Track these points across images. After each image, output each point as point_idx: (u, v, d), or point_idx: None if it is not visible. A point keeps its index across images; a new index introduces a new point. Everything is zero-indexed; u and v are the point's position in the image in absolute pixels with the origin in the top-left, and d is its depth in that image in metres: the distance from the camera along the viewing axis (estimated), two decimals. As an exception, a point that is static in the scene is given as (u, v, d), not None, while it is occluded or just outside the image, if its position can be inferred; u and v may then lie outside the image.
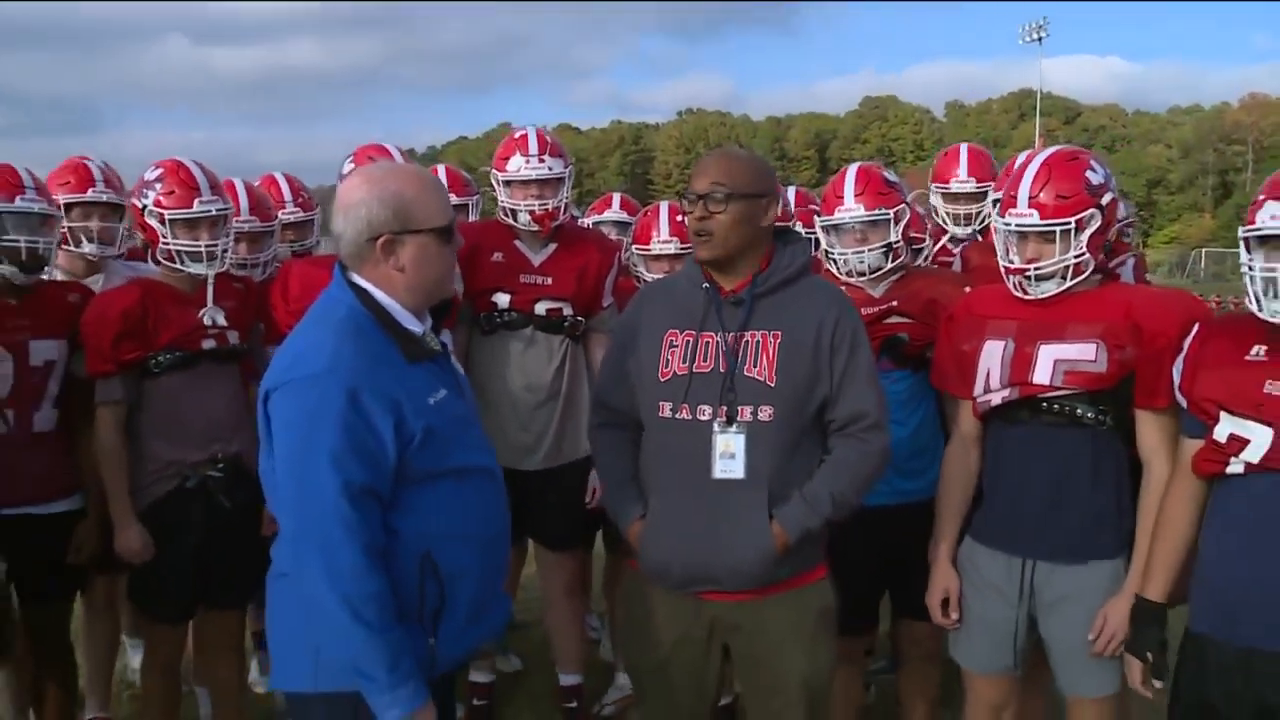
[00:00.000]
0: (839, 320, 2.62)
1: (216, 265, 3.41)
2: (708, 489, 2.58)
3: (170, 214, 3.35)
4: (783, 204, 3.97)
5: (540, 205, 3.82)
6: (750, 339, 2.61)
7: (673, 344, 2.66)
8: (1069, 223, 2.75)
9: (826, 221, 3.46)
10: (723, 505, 2.57)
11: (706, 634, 2.70)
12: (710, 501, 2.58)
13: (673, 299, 2.76)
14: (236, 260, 3.74)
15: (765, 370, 2.58)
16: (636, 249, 4.18)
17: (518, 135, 3.95)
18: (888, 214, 3.38)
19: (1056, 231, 2.76)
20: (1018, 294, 2.87)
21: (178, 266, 3.39)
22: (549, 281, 3.86)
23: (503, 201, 3.91)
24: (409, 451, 2.21)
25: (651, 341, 2.70)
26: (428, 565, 2.24)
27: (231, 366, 3.54)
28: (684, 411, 2.61)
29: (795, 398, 2.58)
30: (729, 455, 2.58)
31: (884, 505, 3.21)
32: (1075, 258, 2.77)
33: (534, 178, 3.83)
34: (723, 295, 2.67)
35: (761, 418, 2.57)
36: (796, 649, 2.66)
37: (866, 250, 3.39)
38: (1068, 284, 2.79)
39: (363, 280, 2.31)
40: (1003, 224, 2.87)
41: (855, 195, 3.41)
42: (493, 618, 2.46)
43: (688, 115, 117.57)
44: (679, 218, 4.10)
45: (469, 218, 4.65)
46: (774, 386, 2.57)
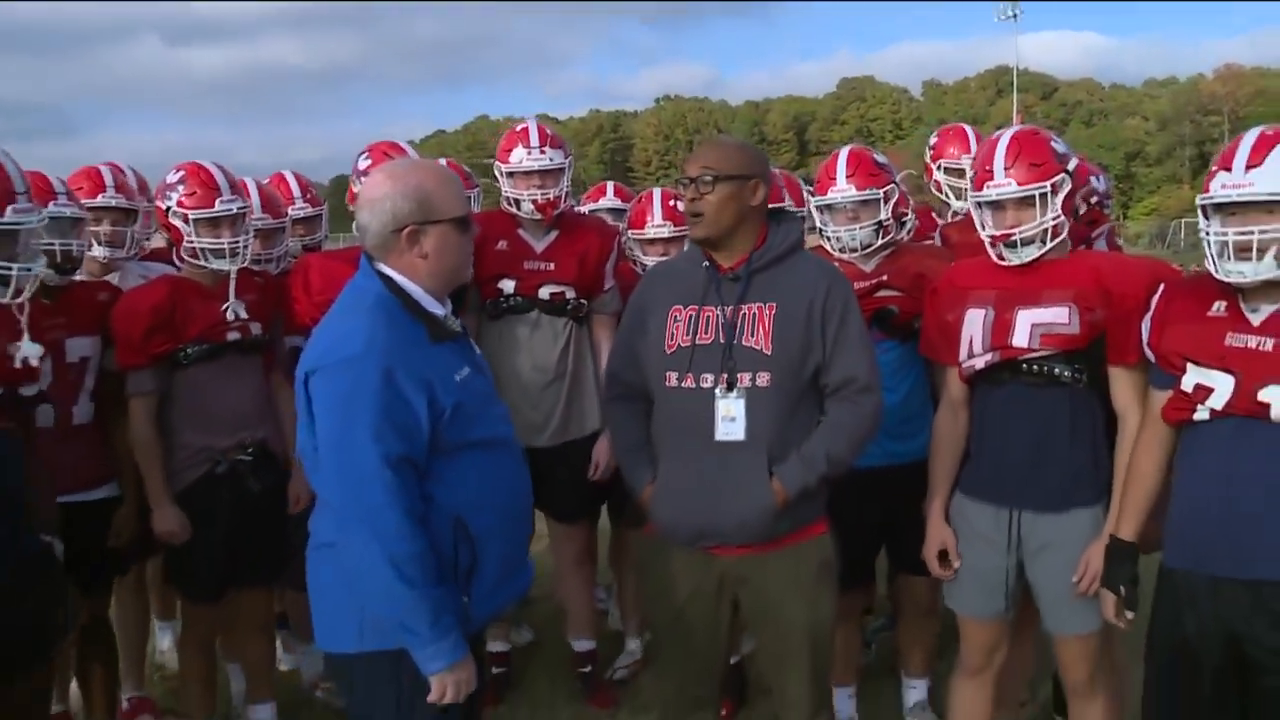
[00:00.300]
0: (829, 291, 2.81)
1: (238, 261, 3.59)
2: (711, 451, 2.78)
3: (193, 214, 3.52)
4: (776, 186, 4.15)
5: (542, 195, 3.99)
6: (747, 311, 2.81)
7: (676, 319, 2.86)
8: (1045, 186, 2.96)
9: (820, 201, 3.67)
10: (726, 465, 2.77)
11: (716, 587, 2.91)
12: (714, 462, 2.78)
13: (676, 278, 2.97)
14: (251, 256, 3.91)
15: (761, 340, 2.78)
16: (632, 234, 4.37)
17: (519, 129, 4.12)
18: (878, 194, 3.59)
19: (1035, 196, 2.96)
20: (1000, 262, 3.06)
21: (202, 263, 3.57)
22: (552, 267, 4.03)
23: (506, 192, 4.07)
24: (440, 425, 2.39)
25: (658, 318, 2.89)
26: (460, 529, 2.42)
27: (255, 357, 3.72)
28: (688, 380, 2.81)
29: (790, 364, 2.77)
30: (730, 419, 2.77)
31: (877, 467, 3.43)
32: (1053, 220, 2.97)
33: (536, 168, 3.99)
34: (721, 272, 2.86)
35: (759, 383, 2.76)
36: (799, 599, 2.86)
37: (858, 228, 3.59)
38: (1047, 247, 2.99)
39: (388, 268, 2.48)
40: (983, 197, 3.06)
41: (847, 176, 3.61)
42: (519, 578, 2.65)
43: (666, 102, 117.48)
44: (671, 202, 4.29)
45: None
46: (770, 354, 2.77)
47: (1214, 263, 2.54)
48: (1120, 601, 2.85)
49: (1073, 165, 3.07)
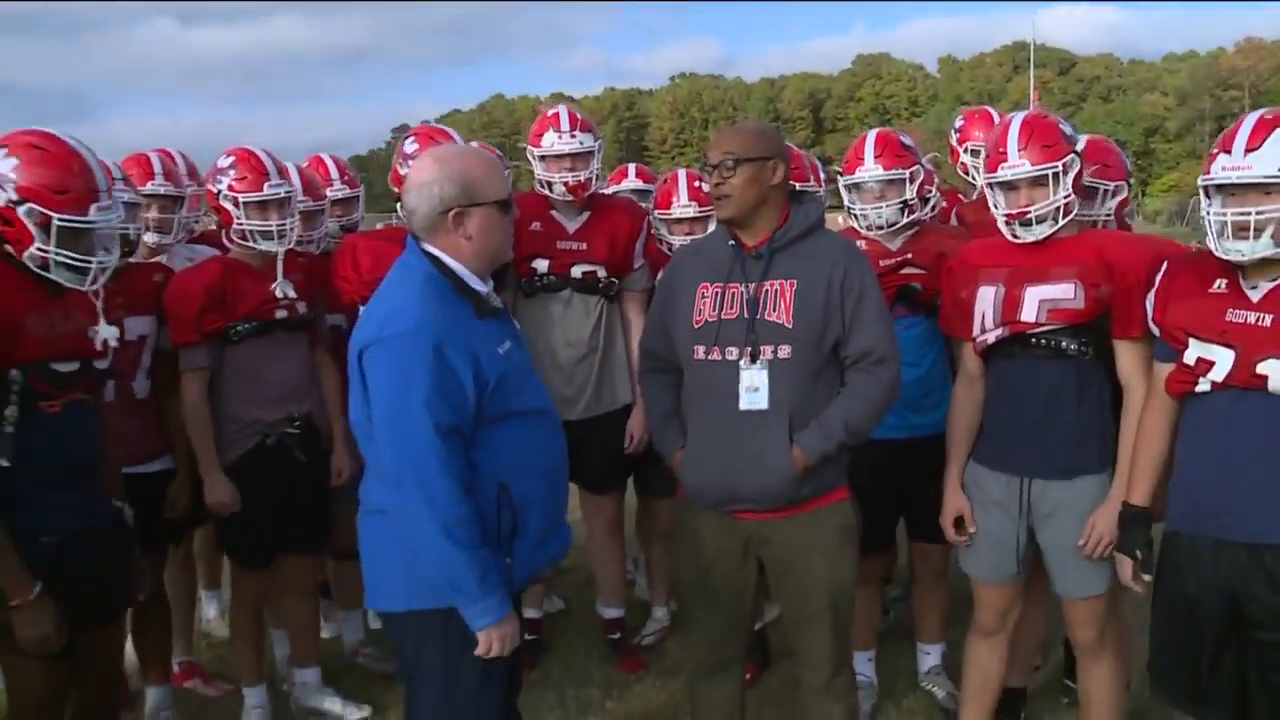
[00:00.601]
0: (848, 268, 2.96)
1: (285, 242, 3.76)
2: (736, 419, 2.94)
3: (243, 197, 3.70)
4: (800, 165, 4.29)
5: (574, 177, 4.15)
6: (770, 287, 2.96)
7: (704, 295, 3.02)
8: (1057, 166, 3.11)
9: (848, 180, 3.82)
10: (749, 433, 2.93)
11: (742, 549, 3.07)
12: (738, 430, 2.94)
13: (703, 256, 3.12)
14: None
15: (783, 314, 2.93)
16: (658, 214, 4.52)
17: (550, 113, 4.27)
18: (903, 174, 3.74)
19: (1048, 175, 3.11)
20: (1014, 240, 3.20)
21: (251, 245, 3.74)
22: (584, 247, 4.19)
23: (538, 174, 4.23)
24: (485, 396, 2.55)
25: (687, 294, 3.05)
26: (503, 494, 2.59)
27: (300, 334, 3.90)
28: (715, 353, 2.97)
29: (810, 337, 2.93)
30: (753, 389, 2.93)
31: (899, 439, 3.63)
32: (1064, 198, 3.12)
33: (567, 151, 4.14)
34: (745, 251, 3.01)
35: (781, 355, 2.92)
36: (821, 560, 3.02)
37: (884, 206, 3.74)
38: (1059, 224, 3.14)
39: (434, 248, 2.64)
40: (997, 177, 3.20)
41: (875, 157, 3.77)
42: (558, 541, 2.81)
43: (681, 80, 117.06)
44: (696, 183, 4.45)
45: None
46: (791, 328, 2.92)
47: (1214, 241, 2.67)
48: (1137, 565, 2.99)
49: (1080, 146, 3.22)
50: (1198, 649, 2.77)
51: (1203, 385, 2.72)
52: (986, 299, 3.24)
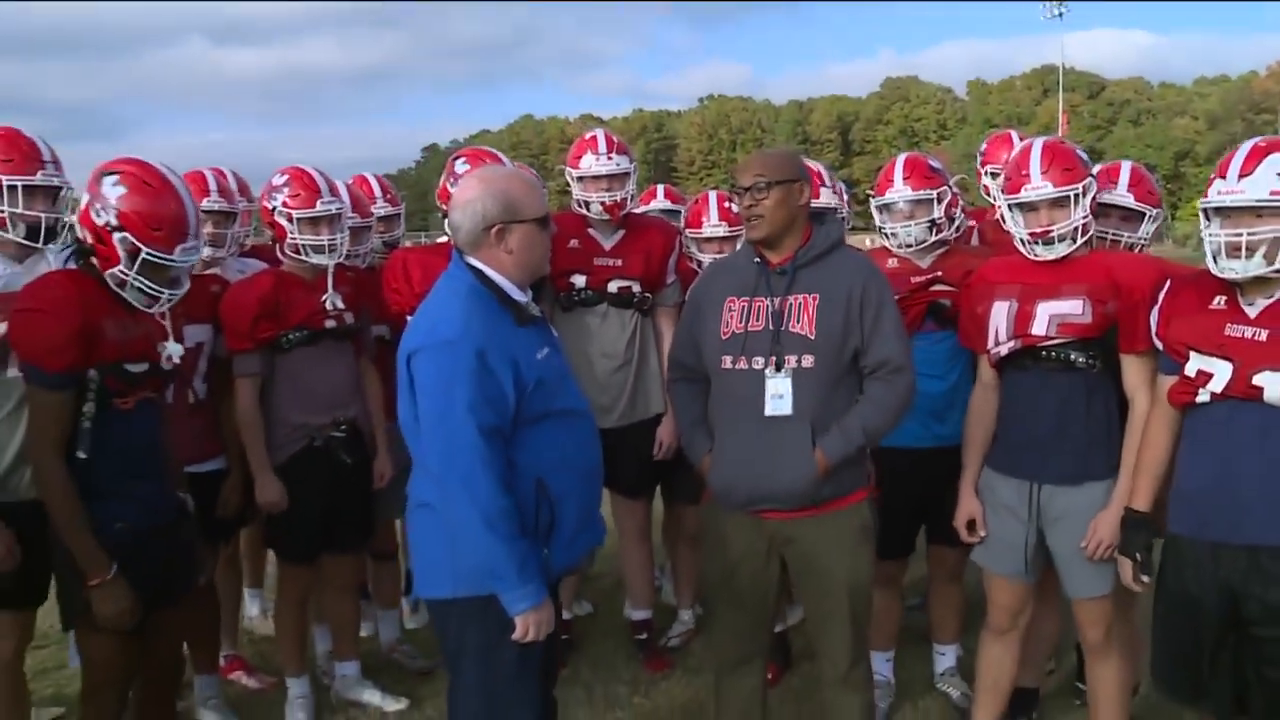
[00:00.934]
0: (866, 284, 3.14)
1: (335, 256, 3.98)
2: (762, 425, 3.12)
3: (297, 213, 3.92)
4: (824, 185, 4.49)
5: (610, 197, 4.35)
6: (794, 301, 3.14)
7: (731, 309, 3.20)
8: (1077, 188, 3.31)
9: (879, 201, 4.01)
10: (774, 437, 3.11)
11: (766, 548, 3.25)
12: (764, 435, 3.12)
13: (731, 273, 3.31)
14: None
15: (806, 326, 3.11)
16: (690, 233, 4.72)
17: (589, 137, 4.47)
18: (931, 194, 3.92)
19: (1069, 196, 3.30)
20: (1033, 257, 3.38)
21: (303, 258, 3.96)
22: (620, 263, 4.39)
23: (576, 194, 4.43)
24: (524, 398, 2.74)
25: (714, 308, 3.24)
26: (541, 489, 2.78)
27: (347, 343, 4.11)
28: (741, 362, 3.15)
29: (831, 348, 3.10)
30: (778, 396, 3.11)
31: (925, 448, 3.83)
32: (1082, 218, 3.32)
33: (604, 173, 4.35)
34: (770, 267, 3.20)
35: (805, 365, 3.10)
36: (841, 558, 3.19)
37: (913, 224, 3.92)
38: (1077, 243, 3.33)
39: (478, 262, 2.84)
40: (1019, 199, 3.38)
41: (904, 179, 3.96)
42: (592, 533, 3.00)
43: (710, 102, 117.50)
44: (726, 204, 4.65)
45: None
46: (814, 339, 3.10)
47: (1213, 260, 2.82)
48: (1137, 567, 3.14)
49: (1096, 170, 3.42)
50: (1198, 646, 2.91)
51: (1202, 396, 2.86)
52: (1001, 313, 3.42)
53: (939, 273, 3.95)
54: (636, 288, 4.41)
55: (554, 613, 2.84)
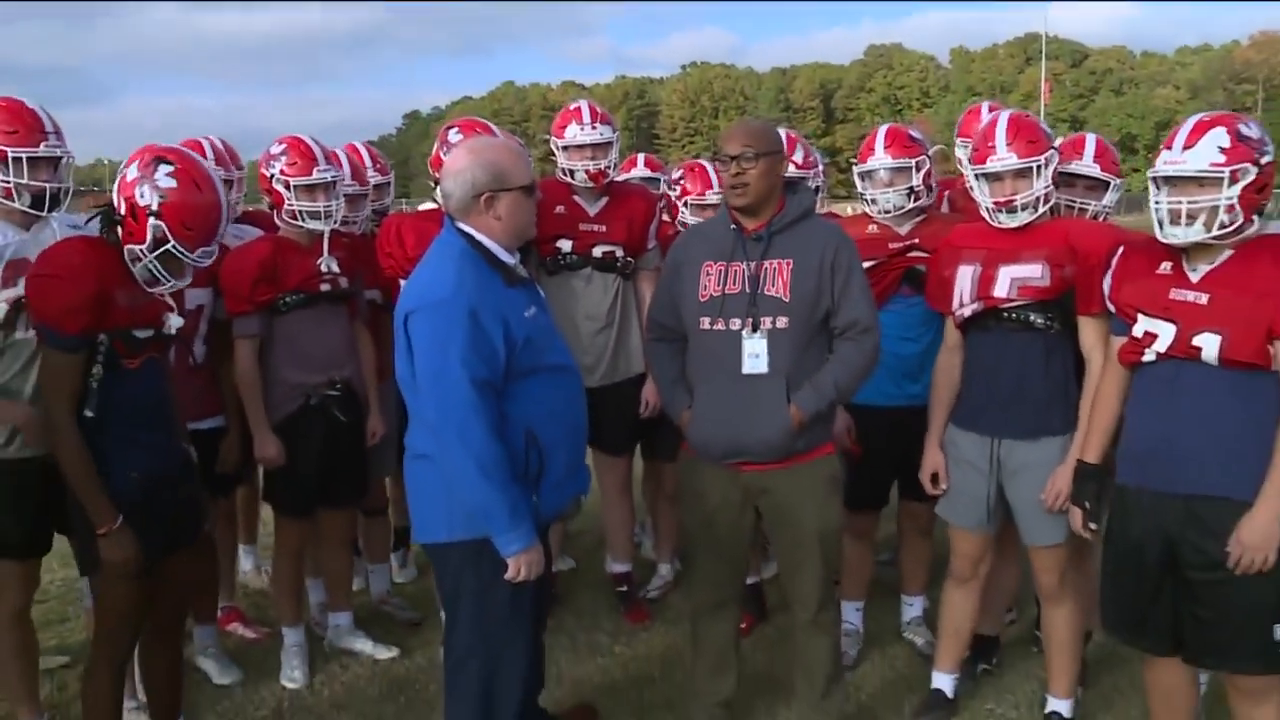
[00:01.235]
0: (837, 250, 3.32)
1: (330, 222, 4.13)
2: (739, 382, 3.30)
3: (294, 181, 4.06)
4: (804, 153, 4.66)
5: (594, 165, 4.50)
6: (769, 266, 3.32)
7: (709, 273, 3.37)
8: (1040, 160, 3.48)
9: (861, 169, 4.20)
10: (751, 394, 3.29)
11: (741, 498, 3.45)
12: (741, 391, 3.30)
13: (707, 238, 3.48)
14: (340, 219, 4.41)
15: (781, 289, 3.29)
16: (691, 199, 4.86)
17: (573, 107, 4.61)
18: (909, 163, 4.10)
19: (1032, 167, 3.48)
20: (996, 225, 3.56)
21: (299, 224, 4.11)
22: (603, 229, 4.55)
23: (562, 163, 4.58)
24: (514, 353, 2.93)
25: (693, 271, 3.41)
26: (531, 439, 2.97)
27: (341, 306, 4.26)
28: (719, 324, 3.33)
29: (804, 310, 3.29)
30: (755, 355, 3.29)
31: (899, 407, 4.04)
32: (1044, 189, 3.50)
33: (588, 142, 4.49)
34: (746, 234, 3.37)
35: (779, 326, 3.28)
36: (811, 506, 3.39)
37: (892, 191, 4.11)
38: (1038, 212, 3.51)
39: (468, 227, 3.03)
40: (984, 169, 3.55)
41: (884, 148, 4.14)
42: (578, 480, 3.20)
43: (692, 69, 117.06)
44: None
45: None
46: (788, 301, 3.28)
47: (1160, 226, 2.99)
48: (1085, 514, 3.35)
49: (1058, 143, 3.60)
50: (1141, 589, 3.12)
51: (1149, 355, 3.05)
52: (965, 277, 3.60)
53: (916, 240, 4.12)
54: (619, 252, 4.57)
55: (543, 555, 3.04)
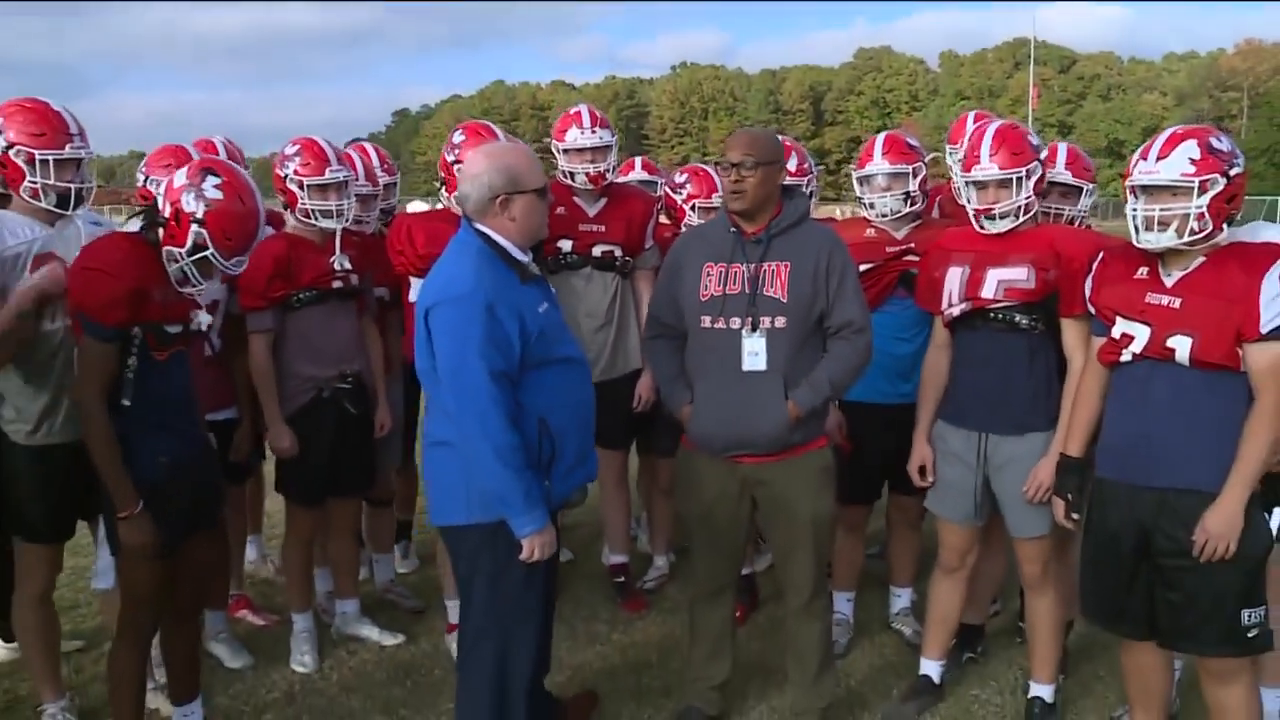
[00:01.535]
0: (832, 253, 3.49)
1: (342, 220, 4.27)
2: (739, 379, 3.46)
3: (307, 180, 4.20)
4: (799, 160, 4.78)
5: (594, 168, 4.64)
6: (767, 268, 3.47)
7: (709, 274, 3.53)
8: (1021, 172, 3.64)
9: (860, 174, 4.36)
10: (750, 390, 3.45)
11: (738, 490, 3.61)
12: (741, 388, 3.46)
13: (707, 240, 3.63)
14: (352, 218, 4.53)
15: (779, 290, 3.45)
16: (699, 202, 4.99)
17: (574, 112, 4.76)
18: (906, 169, 4.26)
19: (1013, 179, 3.64)
20: (980, 230, 3.73)
21: (312, 222, 4.25)
22: (603, 229, 4.69)
23: (562, 165, 4.72)
24: (528, 346, 3.09)
25: (693, 272, 3.56)
26: (543, 427, 3.13)
27: (351, 303, 4.40)
28: (720, 322, 3.48)
29: (801, 310, 3.45)
30: (754, 353, 3.45)
31: (892, 404, 4.19)
32: (1025, 199, 3.66)
33: (588, 145, 4.64)
34: (745, 237, 3.53)
35: (777, 325, 3.44)
36: (806, 496, 3.55)
37: (889, 195, 4.27)
38: (1019, 220, 3.67)
39: (484, 227, 3.18)
40: (970, 177, 3.73)
41: (883, 154, 4.30)
42: (587, 466, 3.36)
43: (682, 70, 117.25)
44: None
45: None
46: (786, 302, 3.44)
47: (1136, 233, 3.16)
48: (1067, 505, 3.53)
49: (1044, 155, 3.76)
50: (1118, 577, 3.29)
51: (1126, 356, 3.21)
52: (954, 278, 3.76)
53: (912, 244, 4.28)
54: (618, 252, 4.72)
55: (555, 537, 3.20)
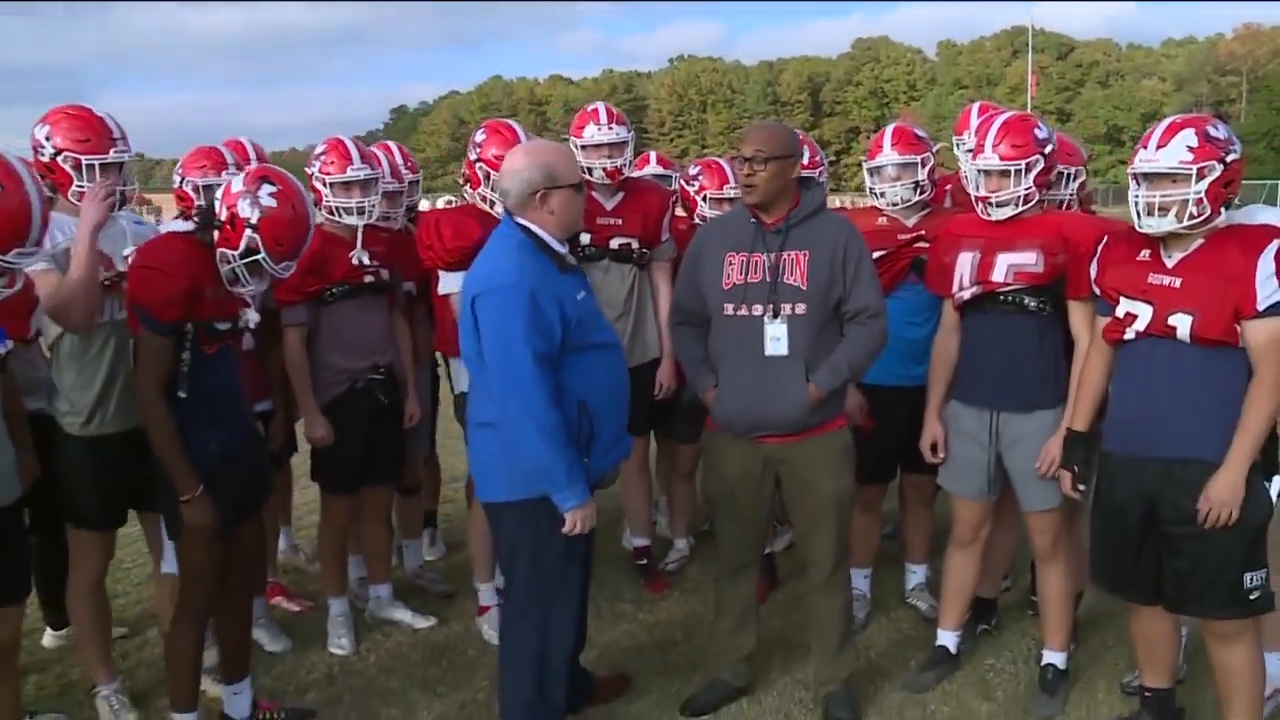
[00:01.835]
0: (848, 242, 3.64)
1: (365, 217, 4.41)
2: (761, 363, 3.62)
3: (331, 178, 4.37)
4: (810, 153, 4.91)
5: (611, 163, 4.77)
6: (787, 257, 3.63)
7: (731, 263, 3.69)
8: (1020, 164, 3.78)
9: (870, 165, 4.52)
10: (773, 374, 3.62)
11: (761, 468, 3.77)
12: (764, 372, 3.62)
13: (728, 230, 3.79)
14: (379, 215, 4.65)
15: (799, 278, 3.61)
16: (711, 193, 5.16)
17: (591, 109, 4.89)
18: (915, 159, 4.42)
19: (1011, 170, 3.79)
20: (984, 217, 3.88)
21: (337, 219, 4.41)
22: (620, 223, 4.83)
23: (580, 161, 4.82)
24: (568, 331, 3.27)
25: (715, 261, 3.72)
26: (582, 408, 3.31)
27: (381, 297, 4.56)
28: (742, 310, 3.64)
29: (820, 297, 3.60)
30: (776, 339, 3.61)
31: (906, 386, 4.34)
32: (1024, 190, 3.80)
33: (605, 141, 4.77)
34: (765, 227, 3.69)
35: (798, 312, 3.60)
36: (827, 475, 3.72)
37: (898, 185, 4.43)
38: (1019, 209, 3.82)
39: (525, 220, 3.36)
40: (974, 165, 3.89)
41: (892, 145, 4.46)
42: (623, 445, 3.54)
43: (679, 63, 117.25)
44: None
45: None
46: (806, 290, 3.60)
47: (1138, 218, 3.31)
48: (1074, 478, 3.69)
49: (1049, 149, 3.87)
50: (1125, 545, 3.45)
51: (1129, 334, 3.37)
52: (965, 263, 3.91)
53: (923, 231, 4.43)
54: (635, 244, 4.85)
55: (594, 510, 3.37)
